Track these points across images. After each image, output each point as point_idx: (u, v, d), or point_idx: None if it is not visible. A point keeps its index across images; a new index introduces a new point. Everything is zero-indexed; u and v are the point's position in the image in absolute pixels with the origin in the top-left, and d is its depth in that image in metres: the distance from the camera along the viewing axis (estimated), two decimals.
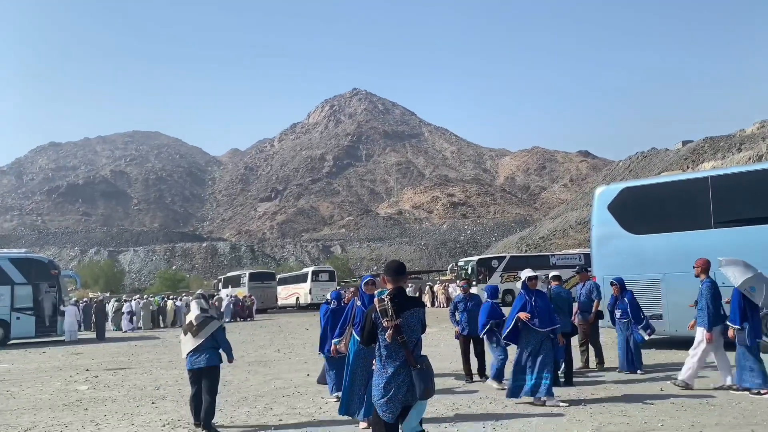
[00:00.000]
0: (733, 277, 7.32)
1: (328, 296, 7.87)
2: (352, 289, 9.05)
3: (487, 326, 8.44)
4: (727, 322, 7.54)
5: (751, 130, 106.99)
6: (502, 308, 9.10)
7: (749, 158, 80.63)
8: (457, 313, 9.34)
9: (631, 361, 9.34)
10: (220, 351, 6.59)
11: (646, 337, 9.36)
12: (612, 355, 10.24)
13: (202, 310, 6.60)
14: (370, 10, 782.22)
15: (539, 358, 7.16)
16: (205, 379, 6.41)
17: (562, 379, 8.53)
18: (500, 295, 31.40)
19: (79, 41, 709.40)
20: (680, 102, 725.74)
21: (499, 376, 8.45)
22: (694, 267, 8.07)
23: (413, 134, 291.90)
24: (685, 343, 11.50)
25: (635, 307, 9.35)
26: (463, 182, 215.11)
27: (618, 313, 9.51)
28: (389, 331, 3.89)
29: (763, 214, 10.50)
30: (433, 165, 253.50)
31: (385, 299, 3.98)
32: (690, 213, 11.33)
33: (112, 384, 10.76)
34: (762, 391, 7.12)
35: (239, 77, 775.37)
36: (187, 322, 6.62)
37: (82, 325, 27.33)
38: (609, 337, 12.09)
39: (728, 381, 7.64)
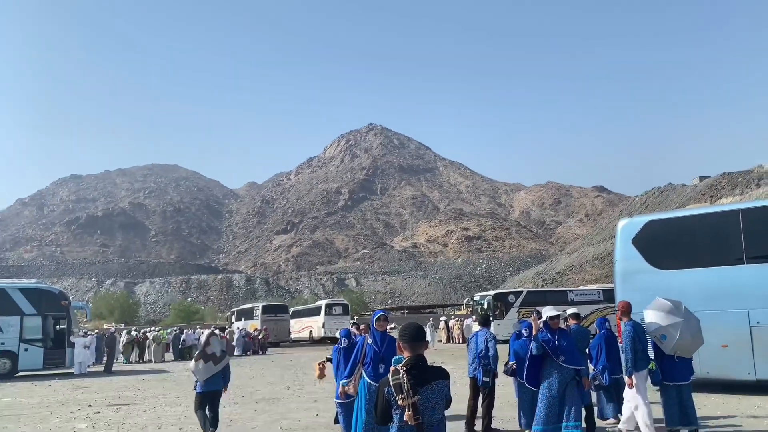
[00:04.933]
0: (649, 322, 7.41)
1: (337, 334, 7.39)
2: (362, 326, 8.52)
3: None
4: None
5: None
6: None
7: None
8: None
9: (601, 409, 8.54)
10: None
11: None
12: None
13: (223, 348, 8.27)
14: (386, 47, 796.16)
15: (566, 404, 6.61)
16: (213, 399, 8.09)
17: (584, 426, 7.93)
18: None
19: (100, 76, 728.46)
20: (696, 136, 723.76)
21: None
22: (616, 310, 8.02)
23: (428, 168, 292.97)
24: (717, 386, 10.85)
25: (598, 350, 8.34)
26: (478, 216, 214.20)
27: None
28: (407, 412, 3.20)
29: None
30: (448, 199, 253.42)
31: (401, 371, 3.30)
32: (720, 247, 10.77)
33: (112, 422, 10.33)
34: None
35: (257, 112, 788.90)
36: (209, 353, 7.99)
37: (95, 357, 26.97)
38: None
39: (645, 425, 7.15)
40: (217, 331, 10.06)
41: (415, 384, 3.27)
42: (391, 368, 3.39)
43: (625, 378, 7.38)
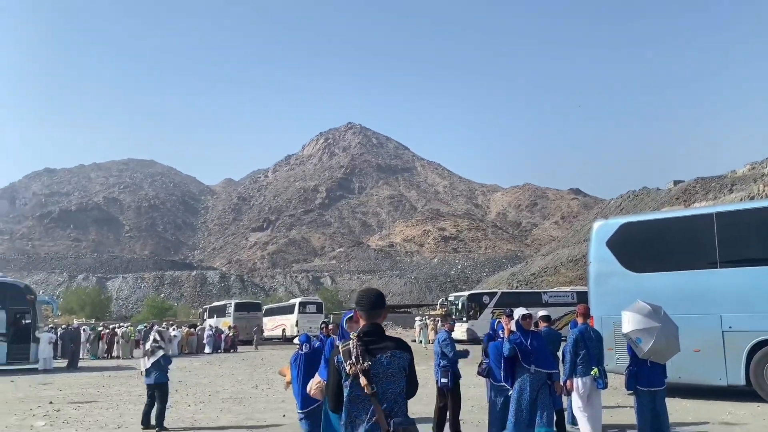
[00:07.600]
0: (625, 324, 7.21)
1: (296, 340, 6.98)
2: (331, 326, 8.22)
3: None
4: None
5: (742, 171, 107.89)
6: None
7: (741, 199, 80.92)
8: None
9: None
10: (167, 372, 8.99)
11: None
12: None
13: (155, 341, 8.94)
14: (367, 46, 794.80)
15: (538, 409, 6.46)
16: (158, 392, 8.85)
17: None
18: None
19: (76, 69, 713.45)
20: (672, 141, 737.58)
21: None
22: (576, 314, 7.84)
23: (406, 168, 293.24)
24: (688, 390, 10.85)
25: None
26: (454, 217, 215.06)
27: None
28: (361, 380, 2.80)
29: None
30: (425, 199, 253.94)
31: (352, 337, 2.97)
32: (694, 251, 10.76)
33: (71, 420, 9.94)
34: None
35: (236, 108, 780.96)
36: (146, 348, 8.87)
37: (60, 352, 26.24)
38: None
39: None
40: (156, 327, 11.34)
41: (366, 350, 2.89)
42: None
43: (564, 381, 7.26)
